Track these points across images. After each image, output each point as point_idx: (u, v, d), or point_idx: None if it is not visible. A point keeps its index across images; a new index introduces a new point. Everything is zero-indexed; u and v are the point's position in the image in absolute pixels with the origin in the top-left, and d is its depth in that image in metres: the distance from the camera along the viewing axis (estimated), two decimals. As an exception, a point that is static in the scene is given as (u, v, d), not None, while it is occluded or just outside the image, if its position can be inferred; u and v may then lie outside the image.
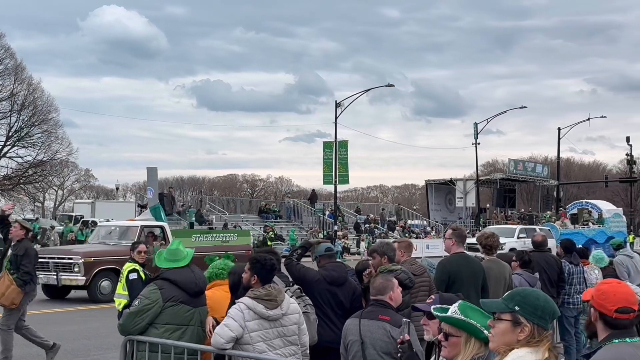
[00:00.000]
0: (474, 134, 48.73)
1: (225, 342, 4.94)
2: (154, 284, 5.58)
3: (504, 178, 53.95)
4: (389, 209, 56.09)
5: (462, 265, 6.95)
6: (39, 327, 13.28)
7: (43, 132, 44.95)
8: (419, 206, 67.81)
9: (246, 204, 57.13)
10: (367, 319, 4.93)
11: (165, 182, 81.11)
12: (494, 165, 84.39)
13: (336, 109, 42.70)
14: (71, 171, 70.61)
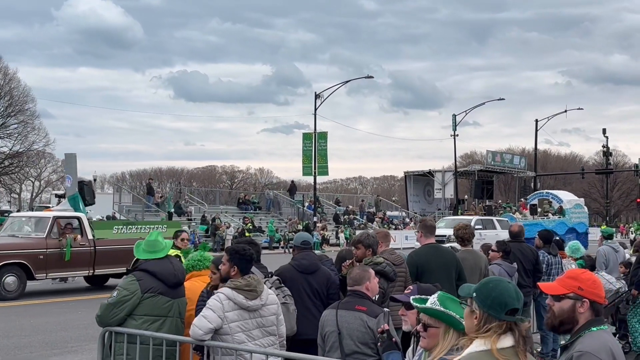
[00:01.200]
0: (453, 125, 48.97)
1: (203, 334, 4.94)
2: (132, 275, 5.56)
3: (482, 170, 54.34)
4: (368, 200, 56.25)
5: (431, 256, 7.01)
6: (14, 319, 13.21)
7: (19, 122, 44.46)
8: (398, 197, 68.07)
9: (225, 196, 56.96)
10: (344, 310, 4.96)
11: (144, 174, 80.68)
12: (472, 156, 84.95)
13: (315, 100, 42.69)
14: (48, 162, 69.89)
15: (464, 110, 51.62)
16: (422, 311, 3.27)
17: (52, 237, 16.51)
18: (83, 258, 16.98)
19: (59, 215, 17.51)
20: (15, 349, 10.28)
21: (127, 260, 17.45)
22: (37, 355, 9.86)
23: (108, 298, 5.54)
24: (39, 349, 10.33)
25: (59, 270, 16.63)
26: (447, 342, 3.16)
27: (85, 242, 17.10)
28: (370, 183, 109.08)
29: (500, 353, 2.64)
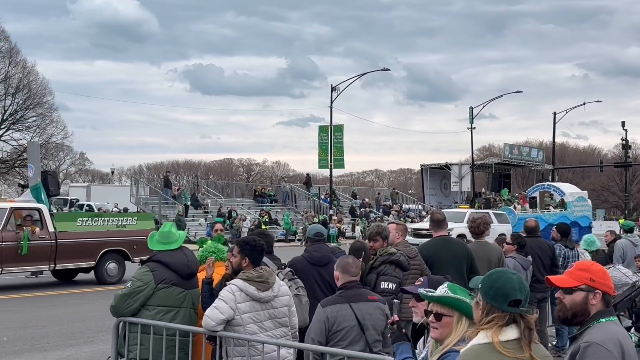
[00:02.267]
0: (470, 118, 48.68)
1: (215, 325, 4.97)
2: (146, 266, 5.61)
3: (499, 162, 53.99)
4: (385, 194, 56.16)
5: (440, 248, 7.01)
6: (31, 309, 13.37)
7: (38, 115, 44.81)
8: (415, 190, 67.88)
9: (242, 188, 57.15)
10: (359, 302, 4.92)
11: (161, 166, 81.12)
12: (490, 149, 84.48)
13: (332, 93, 42.62)
14: (66, 155, 70.28)
15: (481, 103, 51.30)
16: (436, 300, 3.23)
17: (8, 230, 15.50)
18: (42, 252, 15.97)
19: (17, 206, 16.57)
20: (33, 339, 10.40)
21: (92, 255, 16.95)
22: (53, 346, 9.97)
23: (122, 289, 5.59)
24: (56, 339, 10.45)
25: (16, 265, 15.61)
26: (459, 330, 3.15)
27: (46, 235, 16.06)
28: (387, 176, 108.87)
29: (502, 345, 2.62)
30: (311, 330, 4.83)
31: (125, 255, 17.81)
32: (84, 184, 68.34)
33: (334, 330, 4.80)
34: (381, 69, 46.03)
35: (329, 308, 4.83)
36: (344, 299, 4.90)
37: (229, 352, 5.07)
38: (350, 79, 43.67)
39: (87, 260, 17.01)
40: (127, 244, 17.79)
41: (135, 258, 17.75)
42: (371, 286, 6.03)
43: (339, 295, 4.93)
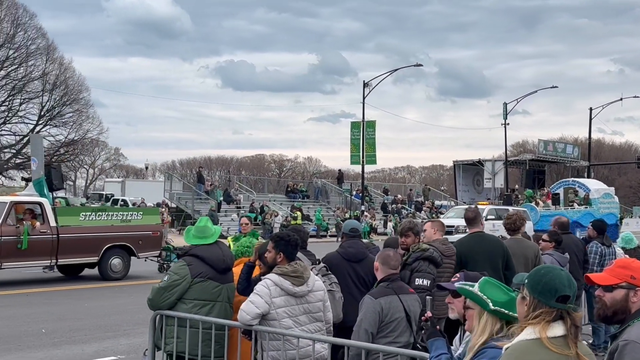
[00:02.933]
0: (503, 114, 48.21)
1: (251, 319, 5.02)
2: (183, 260, 5.69)
3: (533, 159, 53.35)
4: (417, 190, 55.92)
5: (474, 245, 6.96)
6: (69, 302, 13.61)
7: (74, 111, 45.48)
8: (447, 187, 67.47)
9: (274, 184, 57.39)
10: (405, 294, 5.02)
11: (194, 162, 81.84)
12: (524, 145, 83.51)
13: (364, 89, 42.52)
14: (101, 150, 71.46)
15: (515, 98, 50.74)
16: (461, 292, 3.33)
17: (8, 224, 15.16)
18: (43, 247, 15.58)
19: (18, 200, 16.18)
20: (71, 331, 10.59)
21: (95, 250, 16.58)
22: (91, 338, 10.14)
23: (159, 282, 5.68)
24: (94, 331, 10.63)
25: (16, 260, 15.24)
26: (481, 324, 3.18)
27: (47, 230, 15.68)
28: (419, 172, 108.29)
29: (550, 342, 2.61)
30: (364, 321, 4.83)
31: (130, 251, 17.36)
32: (118, 179, 69.26)
33: (387, 321, 4.85)
34: (414, 64, 45.78)
35: (382, 299, 4.87)
36: (392, 291, 4.96)
37: (264, 346, 5.11)
38: (383, 74, 43.55)
39: (90, 256, 16.62)
40: (132, 239, 17.35)
41: (140, 254, 17.54)
42: (405, 282, 6.05)
43: (386, 287, 4.97)
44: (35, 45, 43.42)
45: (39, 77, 43.55)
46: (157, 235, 18.25)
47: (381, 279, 5.05)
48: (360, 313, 4.89)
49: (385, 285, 5.00)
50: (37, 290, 15.22)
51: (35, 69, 43.56)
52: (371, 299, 4.88)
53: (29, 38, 43.05)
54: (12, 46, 42.17)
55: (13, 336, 10.11)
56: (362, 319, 4.84)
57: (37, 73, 43.55)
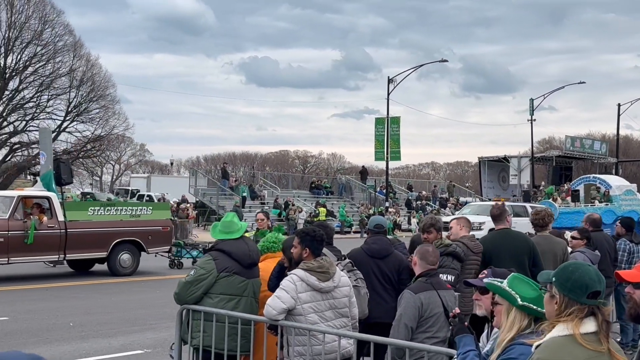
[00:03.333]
0: (530, 110, 47.78)
1: (277, 314, 5.03)
2: (209, 254, 5.73)
3: (560, 155, 52.78)
4: (441, 186, 55.65)
5: (499, 241, 6.90)
6: (96, 296, 13.76)
7: (101, 107, 45.89)
8: (472, 183, 67.01)
9: (298, 180, 57.45)
10: (443, 290, 5.05)
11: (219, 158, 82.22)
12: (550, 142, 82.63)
13: (388, 84, 42.38)
14: (127, 146, 72.04)
15: (540, 94, 50.22)
16: (489, 288, 3.35)
17: (15, 219, 15.06)
18: (51, 242, 15.46)
19: (25, 194, 16.13)
20: (98, 324, 10.71)
21: (104, 245, 16.42)
22: (117, 332, 10.25)
23: (186, 276, 5.72)
24: (120, 325, 10.74)
25: (23, 255, 15.16)
26: (509, 320, 3.17)
27: (55, 224, 15.58)
28: (443, 169, 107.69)
29: (583, 338, 2.59)
30: (403, 315, 4.84)
31: (139, 246, 17.22)
32: (144, 174, 69.84)
33: (426, 316, 4.86)
34: (439, 60, 45.56)
35: (421, 295, 4.89)
36: (431, 286, 4.99)
37: (290, 341, 5.13)
38: (407, 70, 43.38)
39: (99, 251, 16.46)
40: (141, 235, 17.19)
41: (150, 249, 17.38)
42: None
43: (425, 282, 4.99)
44: (63, 42, 43.89)
45: (66, 74, 43.99)
46: (167, 230, 18.10)
47: (420, 274, 5.08)
48: (399, 308, 4.90)
49: (424, 280, 5.03)
50: (65, 284, 15.43)
51: (63, 65, 44.02)
52: (411, 293, 4.90)
53: (56, 35, 43.53)
54: (40, 43, 42.65)
55: (42, 329, 10.26)
56: (402, 314, 4.85)
57: (65, 69, 44.00)
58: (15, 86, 43.23)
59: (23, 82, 43.31)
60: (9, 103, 43.37)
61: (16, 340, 9.46)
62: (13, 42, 41.93)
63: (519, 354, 3.08)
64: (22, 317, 11.19)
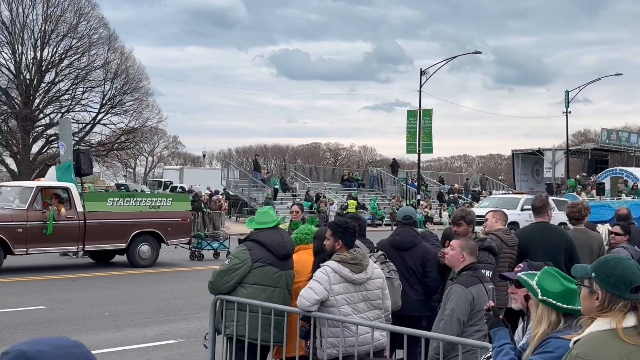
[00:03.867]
0: (565, 102, 47.06)
1: (310, 305, 5.04)
2: (244, 244, 5.77)
3: (595, 148, 51.97)
4: (473, 179, 55.19)
5: (534, 235, 6.81)
6: (131, 286, 13.95)
7: (134, 100, 46.38)
8: (505, 176, 66.38)
9: (329, 172, 57.45)
10: (487, 283, 5.05)
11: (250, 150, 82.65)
12: (585, 135, 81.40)
13: (421, 76, 42.08)
14: (160, 138, 72.76)
15: (575, 86, 49.45)
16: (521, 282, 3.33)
17: (34, 209, 15.12)
18: (70, 232, 15.49)
19: (45, 185, 16.07)
20: (132, 314, 10.86)
21: (124, 236, 16.39)
22: (152, 322, 10.37)
23: (220, 266, 5.78)
24: (154, 315, 10.87)
25: (42, 245, 15.17)
26: (538, 314, 3.16)
27: (74, 215, 15.60)
28: (476, 162, 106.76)
29: (624, 333, 2.55)
30: (456, 310, 4.76)
31: (159, 238, 17.18)
32: (177, 166, 70.48)
33: (476, 310, 4.81)
34: (472, 52, 45.10)
35: (472, 288, 4.84)
36: (478, 279, 4.96)
37: (323, 332, 5.14)
38: (440, 62, 43.01)
39: (118, 242, 16.42)
40: (160, 226, 17.12)
41: (169, 240, 17.29)
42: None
43: (473, 276, 4.95)
44: (98, 34, 44.43)
45: (100, 67, 44.52)
46: (187, 222, 18.02)
47: (464, 267, 5.01)
48: (450, 302, 4.82)
49: (471, 274, 4.98)
50: (103, 274, 15.66)
51: (97, 58, 44.56)
52: (462, 288, 4.83)
53: (91, 28, 44.07)
54: (75, 36, 43.21)
55: (78, 318, 10.44)
56: (455, 308, 4.77)
57: (99, 62, 44.54)
58: (51, 79, 43.92)
59: (59, 75, 43.96)
60: (45, 95, 44.07)
61: (53, 329, 9.64)
62: (49, 35, 42.57)
63: (555, 348, 3.05)
64: (58, 306, 11.40)
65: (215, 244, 19.40)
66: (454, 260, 5.10)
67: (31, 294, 12.55)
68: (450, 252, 5.14)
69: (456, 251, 5.06)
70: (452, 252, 5.11)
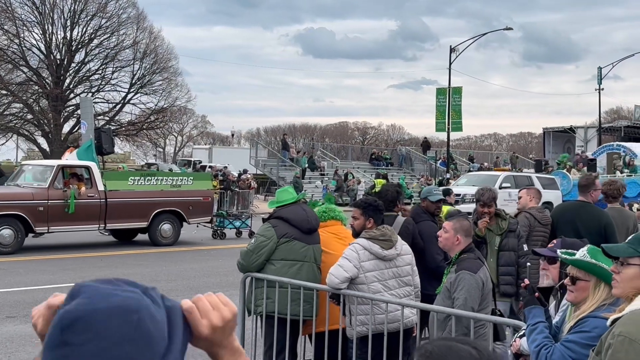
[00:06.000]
0: (598, 79, 46.24)
1: (339, 282, 5.02)
2: (268, 222, 5.80)
3: (629, 125, 51.05)
4: (503, 158, 54.62)
5: (570, 214, 6.66)
6: (162, 264, 14.07)
7: (164, 79, 46.54)
8: (536, 155, 65.58)
9: (357, 151, 57.28)
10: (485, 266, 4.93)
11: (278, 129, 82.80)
12: (618, 112, 79.99)
13: (450, 54, 41.58)
14: (189, 118, 73.14)
15: (606, 63, 48.46)
16: (572, 263, 3.15)
17: (55, 188, 15.11)
18: (91, 211, 15.56)
19: (65, 164, 16.05)
20: (164, 291, 10.67)
21: (145, 214, 16.41)
22: (181, 299, 10.36)
23: (247, 245, 5.78)
24: (184, 293, 10.95)
25: (63, 224, 15.25)
26: (597, 296, 3.07)
27: (95, 194, 15.64)
28: (506, 140, 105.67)
29: None
30: (468, 300, 4.52)
31: (180, 217, 17.15)
32: (205, 146, 70.87)
33: (485, 293, 4.66)
34: (503, 28, 44.41)
35: (480, 273, 4.63)
36: (480, 261, 4.78)
37: (353, 310, 5.11)
38: (470, 39, 42.43)
39: (140, 221, 16.47)
40: (182, 205, 17.07)
41: (191, 219, 17.25)
42: (516, 250, 6.23)
43: (475, 260, 4.73)
44: (127, 14, 44.57)
45: (130, 46, 44.73)
46: (208, 200, 17.93)
47: (463, 249, 4.74)
48: (461, 291, 4.55)
49: (472, 256, 4.74)
50: (131, 252, 15.83)
51: (127, 38, 44.74)
52: (471, 274, 4.58)
53: (120, 7, 44.23)
54: (104, 15, 43.41)
55: (109, 294, 10.55)
56: (467, 298, 4.52)
57: (129, 42, 44.73)
58: (81, 59, 44.26)
59: (89, 55, 44.27)
60: (75, 75, 44.47)
61: (85, 305, 9.76)
62: (78, 15, 42.83)
63: (592, 327, 2.98)
64: (91, 283, 11.53)
65: (238, 222, 19.34)
66: (448, 243, 4.79)
67: (64, 272, 12.73)
68: (444, 234, 4.81)
69: (450, 234, 4.75)
70: (446, 234, 4.78)
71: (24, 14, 42.21)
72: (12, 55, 41.66)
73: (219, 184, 28.38)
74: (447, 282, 4.72)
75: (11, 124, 42.88)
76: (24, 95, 42.37)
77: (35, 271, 12.62)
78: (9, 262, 13.48)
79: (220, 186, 27.99)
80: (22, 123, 43.58)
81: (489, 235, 6.29)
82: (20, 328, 8.44)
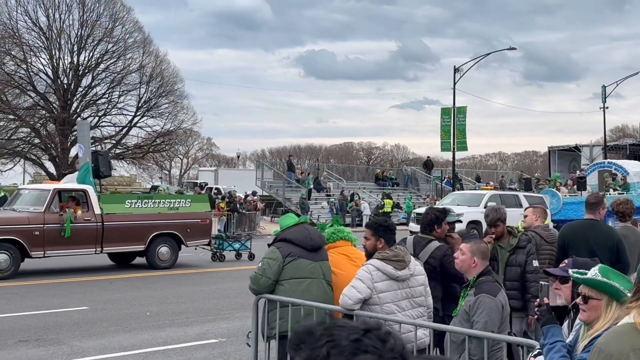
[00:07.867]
0: (602, 97, 46.34)
1: (353, 303, 5.05)
2: (273, 245, 5.89)
3: (634, 144, 51.02)
4: (509, 176, 54.61)
5: (580, 232, 6.66)
6: (171, 286, 14.11)
7: (170, 102, 46.78)
8: (541, 173, 65.52)
9: (362, 172, 57.36)
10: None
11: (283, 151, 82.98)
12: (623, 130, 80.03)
13: (454, 74, 41.77)
14: (195, 140, 73.38)
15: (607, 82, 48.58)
16: (584, 282, 3.18)
17: (51, 212, 15.05)
18: (88, 235, 15.42)
19: (62, 187, 16.13)
20: (173, 314, 10.99)
21: (142, 238, 16.26)
22: (192, 321, 10.48)
23: (255, 270, 5.88)
24: (194, 315, 10.99)
25: (59, 248, 15.11)
26: (609, 315, 3.08)
27: (91, 217, 15.53)
28: (511, 159, 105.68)
29: None
30: (489, 323, 4.54)
31: (178, 240, 16.99)
32: (211, 168, 71.03)
33: (504, 316, 4.71)
34: (506, 48, 44.60)
35: (500, 297, 4.67)
36: (498, 284, 4.84)
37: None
38: (474, 59, 42.65)
39: (137, 244, 16.29)
40: (179, 227, 16.92)
41: (189, 242, 17.07)
42: (522, 266, 6.19)
43: (494, 282, 4.78)
44: (133, 38, 44.92)
45: (136, 70, 45.03)
46: (207, 223, 17.80)
47: (481, 272, 4.78)
48: (481, 314, 4.57)
49: (491, 279, 4.79)
50: (141, 275, 15.87)
51: (133, 62, 45.05)
52: (491, 298, 4.60)
53: (126, 32, 44.60)
54: (111, 40, 43.78)
55: (120, 318, 10.60)
56: (487, 322, 4.53)
57: (135, 66, 45.04)
58: (88, 83, 44.56)
59: (95, 79, 44.60)
60: (82, 99, 44.77)
61: (96, 329, 9.81)
62: (85, 40, 43.22)
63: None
64: (101, 306, 11.59)
65: (237, 244, 19.21)
66: (464, 265, 4.80)
67: (73, 295, 12.79)
68: (461, 256, 4.82)
69: (467, 256, 4.77)
70: (463, 256, 4.80)
71: (31, 40, 42.63)
72: (19, 80, 41.99)
73: (226, 206, 28.43)
74: (465, 305, 4.74)
75: (18, 149, 43.09)
76: (32, 119, 42.61)
77: (45, 295, 12.67)
78: (18, 287, 13.55)
79: (227, 208, 28.04)
80: (30, 147, 43.80)
81: (500, 253, 6.33)
82: (33, 352, 8.49)
